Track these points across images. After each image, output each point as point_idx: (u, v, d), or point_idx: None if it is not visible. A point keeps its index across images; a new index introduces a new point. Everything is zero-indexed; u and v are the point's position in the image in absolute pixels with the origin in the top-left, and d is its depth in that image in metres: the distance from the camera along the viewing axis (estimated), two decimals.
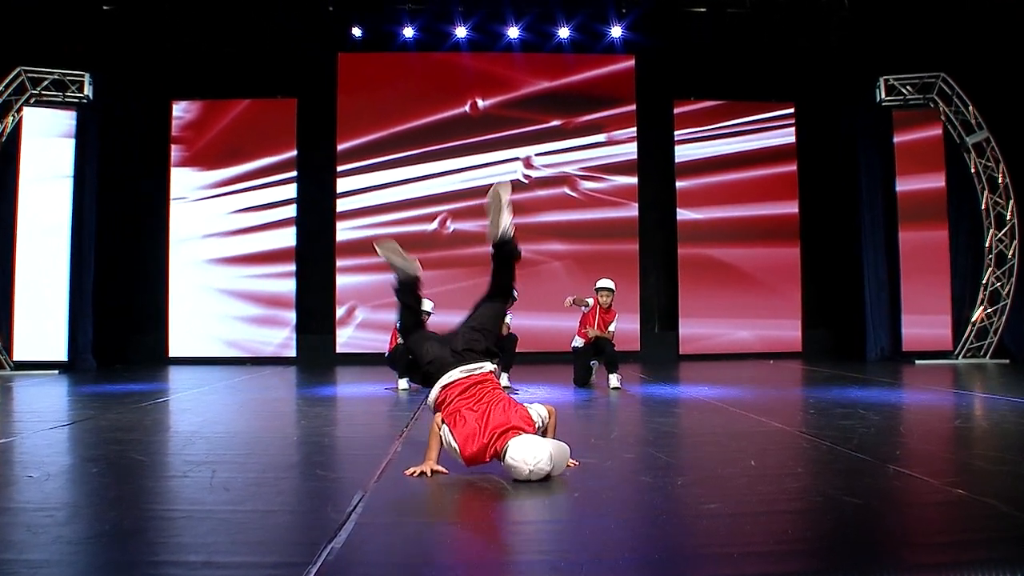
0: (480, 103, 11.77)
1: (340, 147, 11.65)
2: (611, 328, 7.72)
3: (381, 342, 8.96)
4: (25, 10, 9.87)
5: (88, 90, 10.10)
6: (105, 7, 10.37)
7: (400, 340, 7.57)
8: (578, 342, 7.77)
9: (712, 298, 11.73)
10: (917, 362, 10.31)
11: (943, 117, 10.75)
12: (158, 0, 10.43)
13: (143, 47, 11.09)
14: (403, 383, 7.79)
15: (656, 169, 12.00)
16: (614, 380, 7.47)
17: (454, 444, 3.45)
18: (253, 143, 11.62)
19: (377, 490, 3.27)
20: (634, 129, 11.83)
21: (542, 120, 11.76)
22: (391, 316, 8.07)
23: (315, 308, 11.67)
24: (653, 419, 5.42)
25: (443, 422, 3.51)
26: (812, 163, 12.09)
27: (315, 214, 11.73)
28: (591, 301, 7.72)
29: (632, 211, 11.76)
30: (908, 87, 10.77)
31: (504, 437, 3.39)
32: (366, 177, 11.67)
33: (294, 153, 11.64)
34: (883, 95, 10.80)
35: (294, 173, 11.64)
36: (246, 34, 11.11)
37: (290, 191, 11.62)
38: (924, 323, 10.63)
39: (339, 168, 11.64)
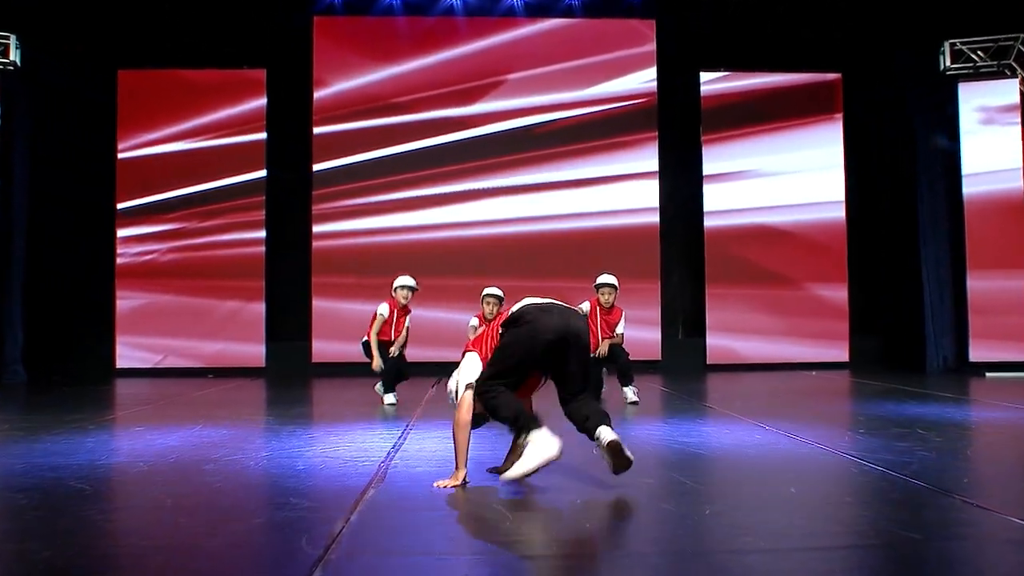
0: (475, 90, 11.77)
1: (317, 131, 11.64)
2: (619, 330, 7.68)
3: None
4: None
5: (15, 55, 10.00)
6: None
7: (374, 332, 7.66)
8: None
9: (745, 300, 11.73)
10: (988, 375, 10.30)
11: (1022, 87, 10.71)
12: None
13: (84, 6, 11.07)
14: (390, 398, 7.81)
15: (679, 150, 12.00)
16: (630, 394, 7.47)
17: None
18: (215, 121, 11.63)
19: (360, 521, 3.27)
20: (654, 103, 11.83)
21: (546, 92, 11.76)
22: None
23: (287, 311, 11.70)
24: (676, 439, 5.42)
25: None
26: (861, 144, 12.09)
27: (288, 202, 11.76)
28: (586, 306, 7.65)
29: (651, 199, 11.75)
30: (979, 52, 10.70)
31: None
32: (346, 159, 11.67)
33: (263, 136, 11.64)
34: (948, 62, 10.74)
35: (263, 156, 11.65)
36: None
37: (259, 176, 11.63)
38: (996, 329, 10.62)
39: (315, 150, 11.64)
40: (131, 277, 11.48)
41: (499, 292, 7.39)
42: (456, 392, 3.90)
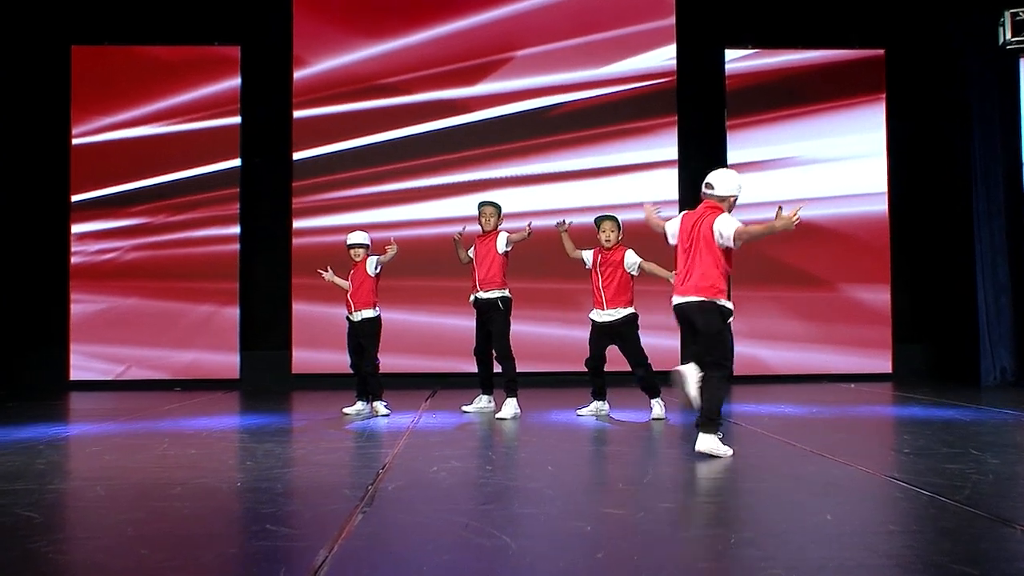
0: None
1: (297, 115, 11.64)
2: (631, 267, 7.45)
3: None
4: None
5: None
6: None
7: (374, 308, 7.90)
8: (595, 314, 7.56)
9: (774, 304, 11.71)
10: None
11: None
12: None
13: None
14: (380, 407, 7.84)
15: (701, 137, 11.99)
16: (656, 408, 7.46)
17: None
18: (183, 104, 11.64)
19: (344, 551, 3.26)
20: (674, 84, 11.82)
21: (553, 71, 11.77)
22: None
23: (264, 317, 11.71)
24: (698, 459, 5.41)
25: None
26: (907, 128, 12.06)
27: (265, 194, 11.77)
28: (588, 255, 7.62)
29: (670, 190, 11.74)
30: None
31: None
32: (330, 147, 11.66)
33: (237, 120, 11.64)
34: (1009, 34, 10.67)
35: (237, 142, 11.66)
36: None
37: (232, 165, 11.65)
38: None
39: (296, 137, 11.65)
40: (88, 278, 11.49)
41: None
42: None
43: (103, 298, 11.50)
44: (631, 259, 7.52)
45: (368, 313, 8.00)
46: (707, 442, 5.34)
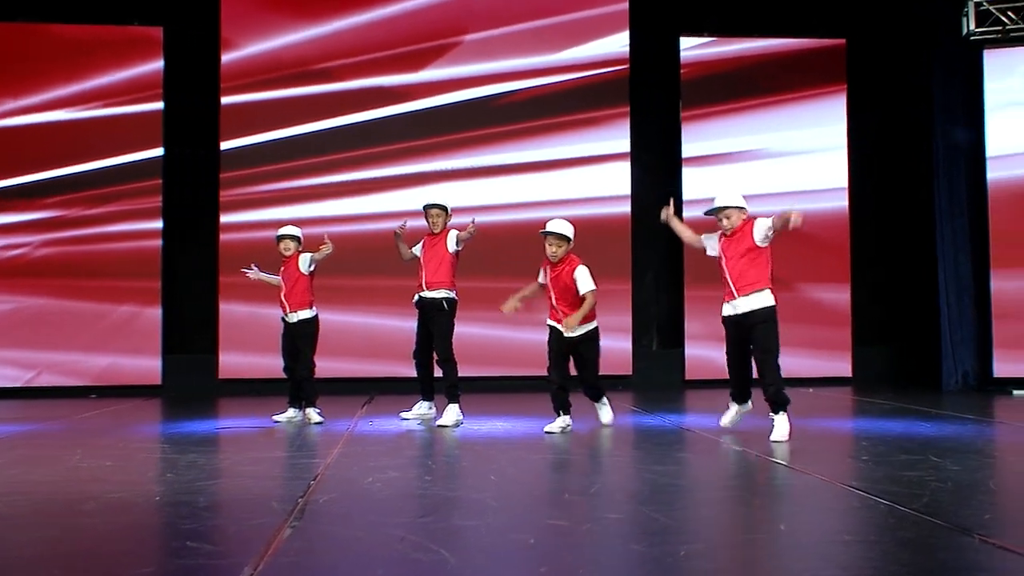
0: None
1: (225, 101, 11.51)
2: (583, 286, 6.86)
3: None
4: None
5: None
6: None
7: (311, 308, 7.88)
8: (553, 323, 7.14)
9: None
10: (1015, 393, 10.51)
11: None
12: None
13: None
14: (313, 414, 7.78)
15: (655, 128, 12.08)
16: (605, 414, 7.46)
17: None
18: (101, 87, 11.44)
19: (272, 568, 3.23)
20: (626, 73, 11.89)
21: (500, 58, 11.78)
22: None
23: (189, 318, 11.56)
24: (648, 467, 5.44)
25: None
26: (868, 121, 12.27)
27: (190, 186, 11.62)
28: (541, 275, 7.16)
29: (622, 185, 11.81)
30: (1009, 13, 10.79)
31: None
32: (261, 136, 11.56)
33: (160, 106, 11.48)
34: (973, 25, 10.86)
35: (160, 130, 11.48)
36: None
37: (155, 155, 11.47)
38: None
39: (223, 124, 11.51)
40: None
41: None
42: None
43: (11, 298, 11.26)
44: (584, 284, 6.90)
45: (305, 314, 7.94)
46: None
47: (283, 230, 8.09)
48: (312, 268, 7.94)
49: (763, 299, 6.56)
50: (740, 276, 6.64)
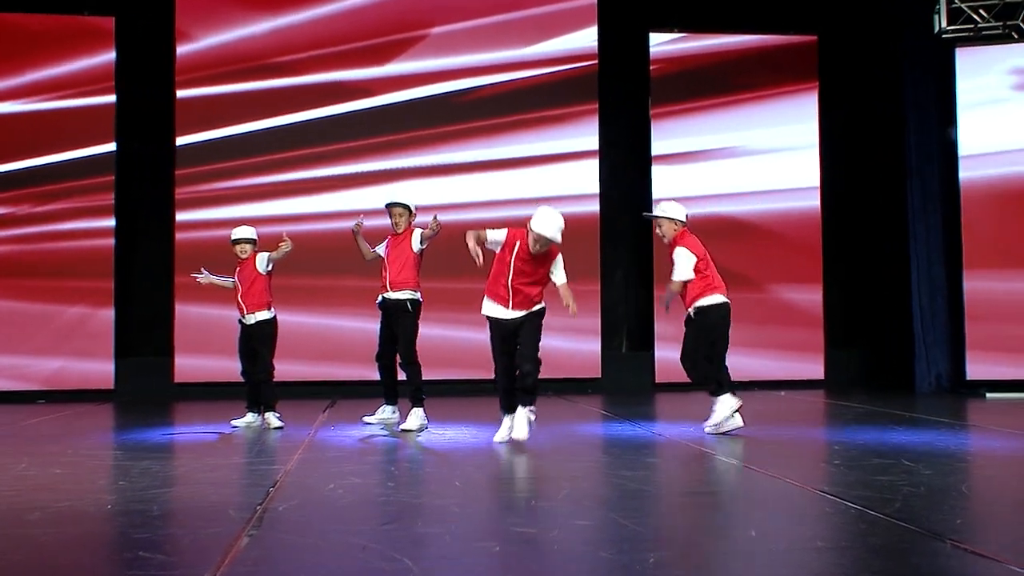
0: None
1: (180, 94, 11.41)
2: (556, 278, 6.53)
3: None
4: None
5: None
6: None
7: (269, 309, 7.83)
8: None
9: None
10: (988, 395, 10.62)
11: None
12: None
13: None
14: (273, 419, 7.74)
15: (623, 126, 12.12)
16: (521, 422, 6.48)
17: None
18: (49, 79, 11.30)
19: None
20: (595, 69, 11.91)
21: (465, 52, 11.78)
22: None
23: (143, 319, 11.46)
24: (617, 472, 5.46)
25: None
26: (840, 119, 12.38)
27: (144, 183, 11.52)
28: (501, 233, 6.56)
29: (590, 184, 11.83)
30: (981, 11, 10.92)
31: None
32: (218, 131, 11.47)
33: (112, 99, 11.36)
34: (944, 23, 10.96)
35: (112, 124, 11.37)
36: None
37: (107, 150, 11.35)
38: (998, 341, 10.92)
39: (179, 119, 11.41)
40: None
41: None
42: None
43: None
44: (557, 275, 6.55)
45: (263, 315, 7.89)
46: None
47: (238, 233, 8.00)
48: (270, 268, 7.89)
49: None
50: None
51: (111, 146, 11.37)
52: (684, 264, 7.31)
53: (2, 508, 4.52)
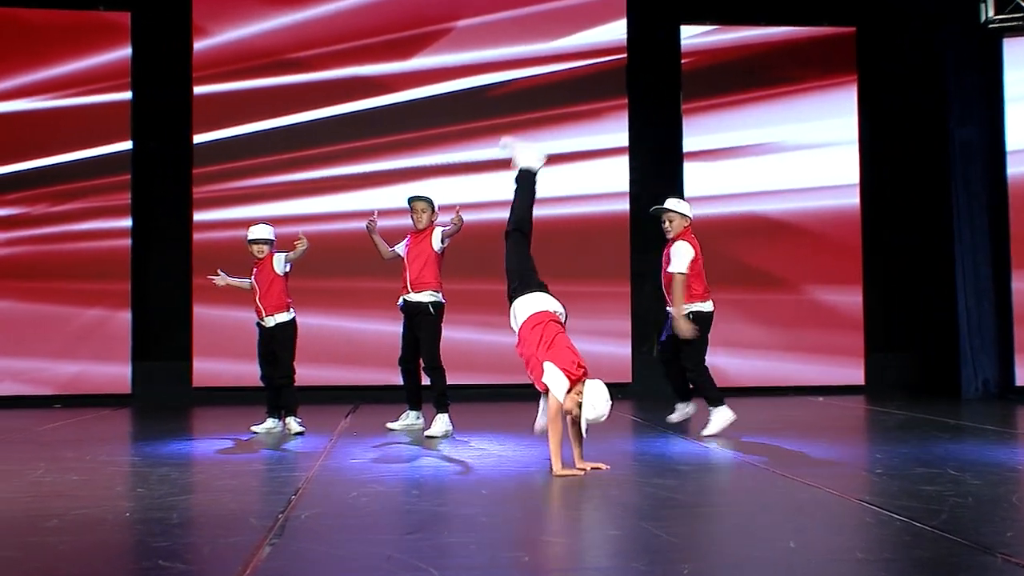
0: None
1: (198, 91, 11.46)
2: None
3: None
4: None
5: None
6: None
7: (288, 311, 7.91)
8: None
9: (735, 308, 11.78)
10: None
11: None
12: None
13: None
14: (294, 424, 7.77)
15: (654, 122, 12.09)
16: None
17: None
18: (64, 76, 11.37)
19: None
20: (624, 63, 11.89)
21: (489, 46, 11.78)
22: None
23: (161, 322, 11.53)
24: (649, 480, 5.44)
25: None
26: (880, 114, 12.29)
27: (161, 182, 11.59)
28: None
29: (620, 182, 11.82)
30: None
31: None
32: (236, 129, 11.52)
33: (127, 96, 11.44)
34: (991, 11, 10.81)
35: (128, 122, 11.44)
36: None
37: (123, 149, 11.43)
38: None
39: (196, 117, 11.46)
40: None
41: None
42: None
43: None
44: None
45: (282, 317, 7.93)
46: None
47: (254, 232, 8.03)
48: (288, 268, 7.92)
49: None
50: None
51: (127, 144, 11.42)
52: (685, 256, 7.71)
53: (19, 515, 4.56)
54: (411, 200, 7.94)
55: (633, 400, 10.96)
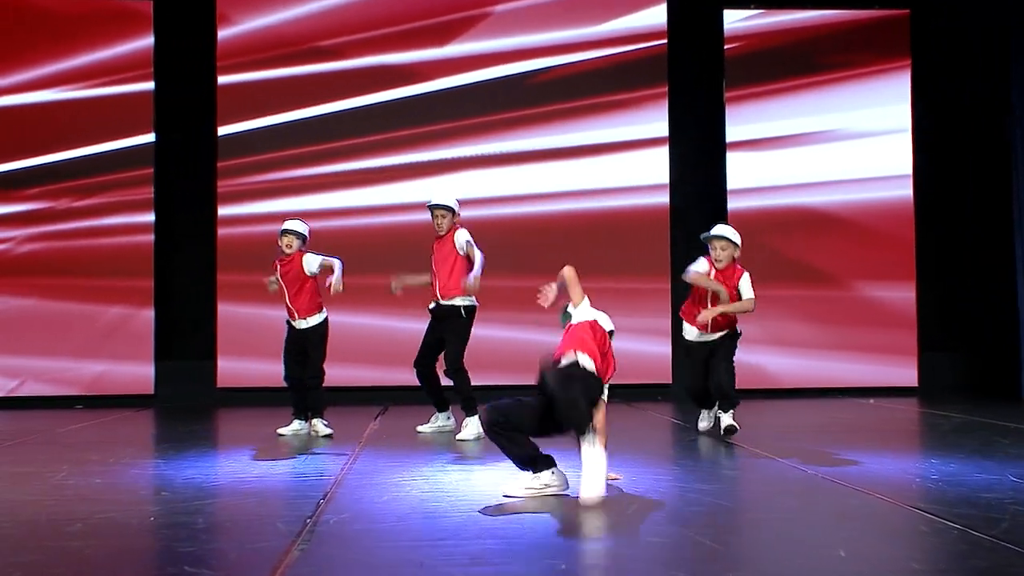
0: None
1: (222, 80, 11.53)
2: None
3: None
4: None
5: None
6: None
7: (321, 311, 7.88)
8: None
9: (780, 305, 11.73)
10: None
11: None
12: None
13: None
14: (321, 426, 7.79)
15: (696, 110, 12.04)
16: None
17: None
18: (85, 66, 11.49)
19: None
20: (664, 49, 11.84)
21: (524, 33, 11.77)
22: None
23: (185, 320, 11.63)
24: (692, 485, 5.43)
25: None
26: (935, 100, 12.17)
27: (184, 175, 11.69)
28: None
29: (659, 173, 11.78)
30: None
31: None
32: (262, 120, 11.58)
33: (150, 86, 11.53)
34: None
35: (151, 114, 11.54)
36: None
37: (145, 141, 11.52)
38: None
39: (220, 107, 11.55)
40: None
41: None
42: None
43: None
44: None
45: (316, 319, 7.95)
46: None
47: (289, 224, 8.03)
48: (317, 272, 7.91)
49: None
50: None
51: (150, 137, 11.52)
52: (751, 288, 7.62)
53: (42, 519, 4.61)
54: (432, 207, 7.94)
55: (673, 403, 10.92)
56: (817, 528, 4.32)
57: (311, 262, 7.87)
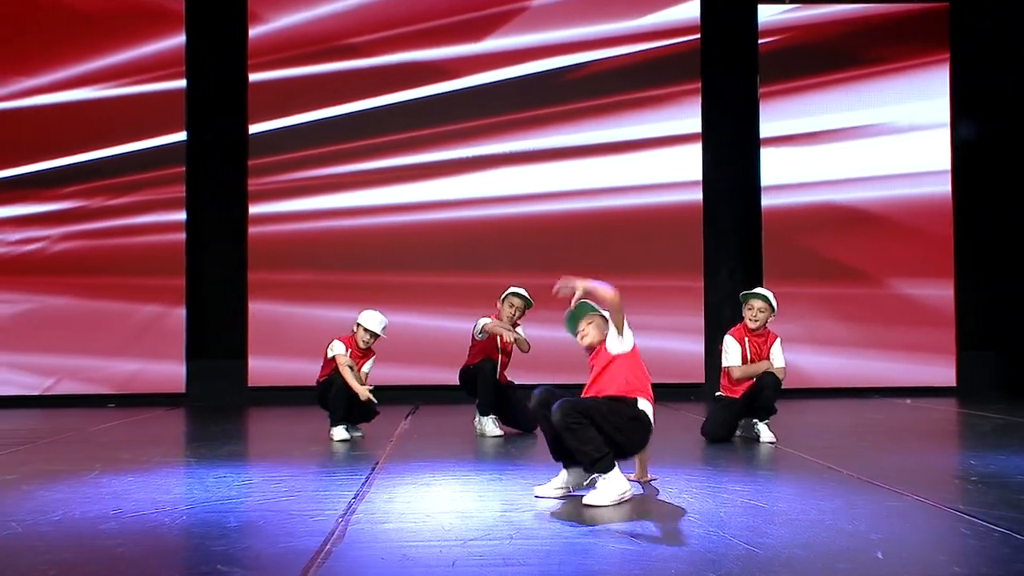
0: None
1: (253, 78, 11.60)
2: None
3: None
4: None
5: None
6: None
7: (335, 370, 7.81)
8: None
9: (814, 303, 11.71)
10: None
11: None
12: None
13: None
14: (339, 432, 7.81)
15: (729, 106, 12.00)
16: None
17: None
18: (117, 65, 11.61)
19: None
20: (697, 45, 11.80)
21: (555, 28, 11.77)
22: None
23: (216, 319, 11.72)
24: (727, 486, 5.41)
25: None
26: (975, 95, 12.08)
27: (216, 174, 11.77)
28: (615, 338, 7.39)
29: (692, 171, 11.74)
30: None
31: None
32: (294, 118, 11.63)
33: (182, 84, 11.61)
34: None
35: (182, 112, 11.61)
36: None
37: (177, 140, 11.60)
38: None
39: (252, 106, 11.61)
40: (7, 273, 11.49)
41: (525, 293, 7.70)
42: None
43: (26, 297, 11.47)
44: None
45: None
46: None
47: (370, 324, 7.90)
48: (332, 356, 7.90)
49: None
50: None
51: (181, 135, 11.62)
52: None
53: (76, 517, 4.65)
54: (512, 295, 7.98)
55: (705, 402, 10.87)
56: (854, 530, 4.29)
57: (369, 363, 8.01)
